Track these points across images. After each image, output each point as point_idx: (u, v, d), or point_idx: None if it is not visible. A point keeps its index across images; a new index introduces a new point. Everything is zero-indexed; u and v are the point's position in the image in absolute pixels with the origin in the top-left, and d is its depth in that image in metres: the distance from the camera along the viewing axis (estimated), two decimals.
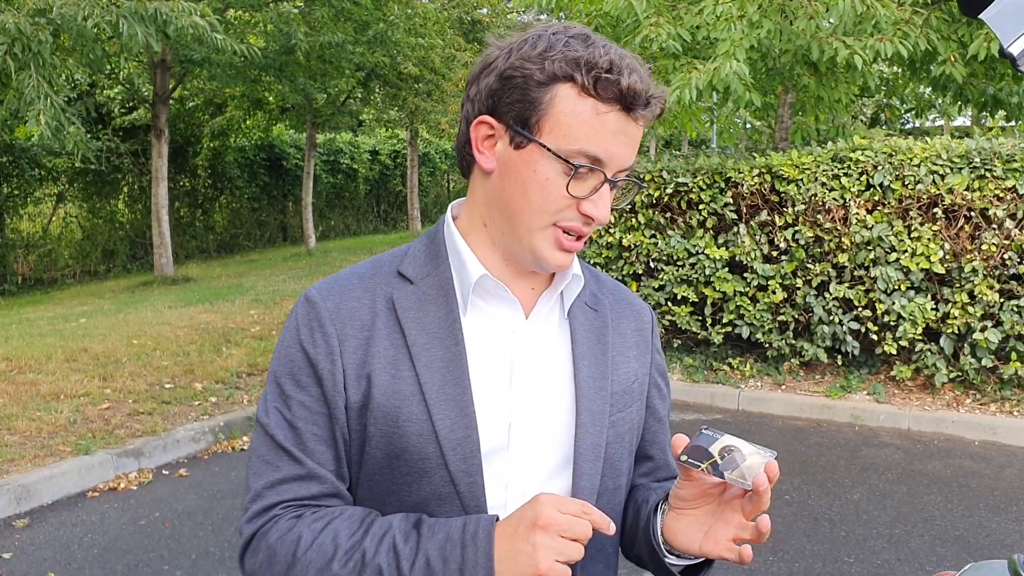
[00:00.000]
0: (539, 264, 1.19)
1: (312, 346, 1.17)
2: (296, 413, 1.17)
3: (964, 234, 6.43)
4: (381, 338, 1.18)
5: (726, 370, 7.59)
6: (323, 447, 1.18)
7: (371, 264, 1.28)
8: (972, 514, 4.88)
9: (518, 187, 1.15)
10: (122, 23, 8.17)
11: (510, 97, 1.14)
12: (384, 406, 1.16)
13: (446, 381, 1.17)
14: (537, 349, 1.25)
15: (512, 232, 1.19)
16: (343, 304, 1.20)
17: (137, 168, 18.30)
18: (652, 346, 1.42)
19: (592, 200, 1.14)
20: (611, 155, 1.13)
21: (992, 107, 7.98)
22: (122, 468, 5.60)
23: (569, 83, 1.11)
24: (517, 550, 1.03)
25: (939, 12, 6.77)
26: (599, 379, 1.28)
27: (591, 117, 1.11)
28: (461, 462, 1.16)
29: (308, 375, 1.17)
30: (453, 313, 1.21)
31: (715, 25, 6.68)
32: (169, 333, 8.92)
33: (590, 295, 1.33)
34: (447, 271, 1.23)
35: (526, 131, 1.14)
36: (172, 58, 14.08)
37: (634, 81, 1.11)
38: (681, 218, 7.54)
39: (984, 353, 6.48)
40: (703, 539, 1.16)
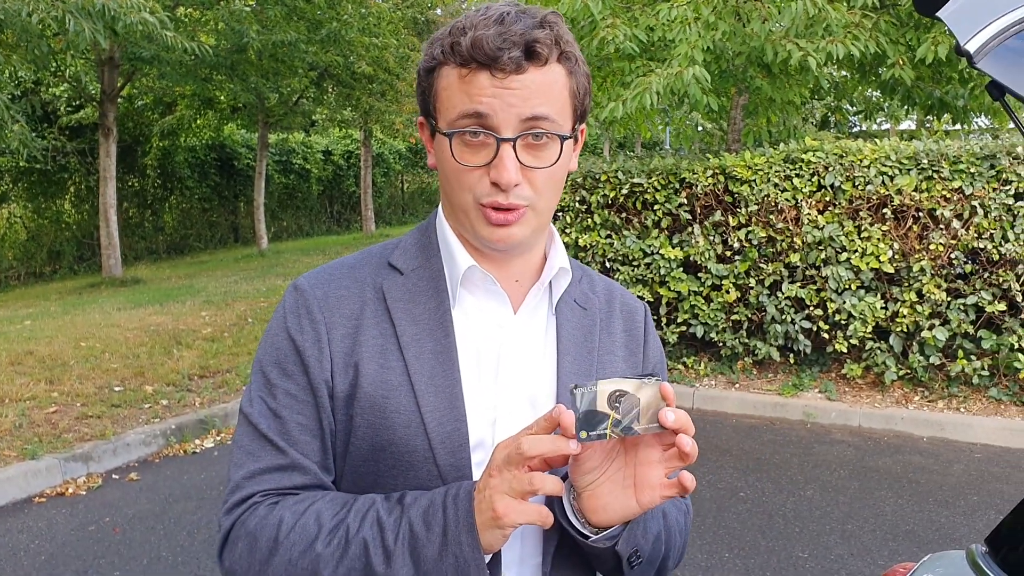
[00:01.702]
0: (482, 243, 1.18)
1: (299, 334, 1.16)
2: (281, 402, 1.16)
3: (912, 234, 6.55)
4: (370, 327, 1.17)
5: (681, 369, 7.65)
6: (308, 437, 1.15)
7: (361, 255, 1.27)
8: (922, 509, 4.97)
9: (443, 175, 1.17)
10: (68, 19, 8.00)
11: (421, 92, 1.17)
12: (372, 396, 1.14)
13: (435, 373, 1.16)
14: (523, 344, 1.23)
15: (456, 219, 1.19)
16: (331, 292, 1.19)
17: (84, 167, 17.95)
18: (646, 342, 1.38)
19: (494, 165, 1.10)
20: (491, 108, 1.08)
21: (938, 110, 8.14)
22: (70, 473, 5.48)
23: (440, 61, 1.12)
24: (480, 502, 1.02)
25: (887, 16, 6.89)
26: (582, 377, 1.25)
27: (458, 84, 1.10)
28: (449, 456, 1.14)
29: (295, 363, 1.16)
30: (444, 305, 1.20)
31: (670, 27, 6.73)
32: (118, 335, 8.75)
33: (580, 294, 1.32)
34: (438, 263, 1.23)
35: (430, 118, 1.16)
36: (120, 55, 13.83)
37: (482, 36, 1.07)
38: (636, 218, 7.59)
39: (932, 351, 6.60)
40: (637, 493, 1.06)
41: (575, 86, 1.15)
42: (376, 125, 19.68)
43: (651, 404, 1.00)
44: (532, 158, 1.12)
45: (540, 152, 1.12)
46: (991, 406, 6.52)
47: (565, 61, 1.13)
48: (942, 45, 6.26)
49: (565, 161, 1.17)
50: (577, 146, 1.24)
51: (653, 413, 1.00)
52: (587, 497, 1.08)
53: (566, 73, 1.13)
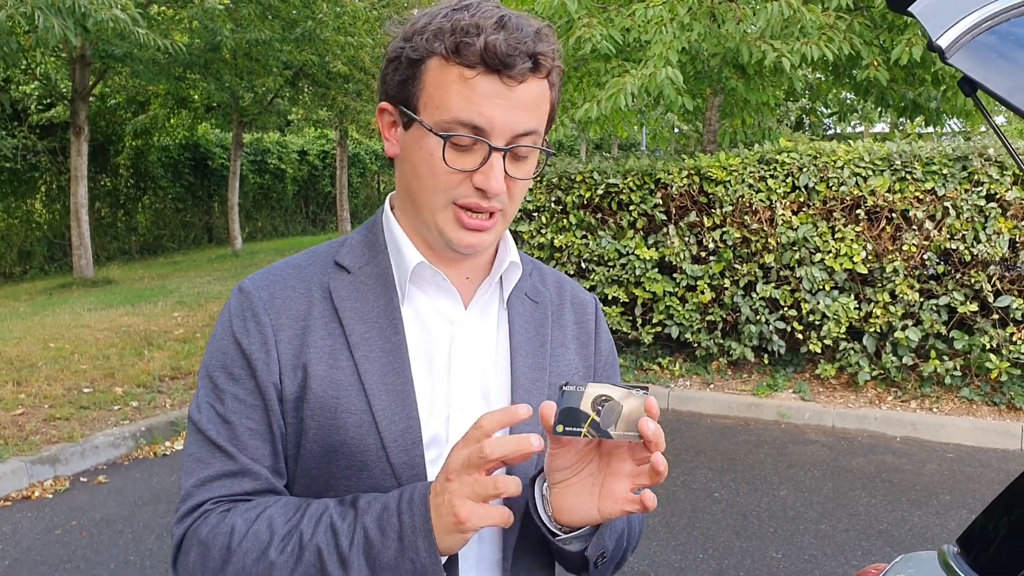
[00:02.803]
0: (449, 246, 1.16)
1: (245, 336, 1.14)
2: (229, 407, 1.13)
3: (886, 235, 6.58)
4: (317, 328, 1.15)
5: (656, 370, 7.65)
6: (258, 441, 1.13)
7: (307, 254, 1.24)
8: (895, 508, 4.99)
9: (412, 168, 1.14)
10: (38, 15, 7.89)
11: (394, 79, 1.14)
12: (322, 397, 1.12)
13: (386, 371, 1.14)
14: (475, 340, 1.22)
15: (418, 216, 1.17)
16: (277, 293, 1.17)
17: (55, 167, 17.73)
18: (597, 336, 1.38)
19: (482, 172, 1.09)
20: (490, 119, 1.07)
21: (912, 112, 8.20)
22: (37, 476, 5.39)
23: (437, 55, 1.08)
24: (438, 506, 1.00)
25: (861, 18, 6.92)
26: (536, 371, 1.25)
27: (459, 84, 1.07)
28: (403, 454, 1.13)
29: (242, 367, 1.13)
30: (393, 302, 1.18)
31: (646, 27, 6.72)
32: (88, 336, 8.64)
33: (531, 287, 1.31)
34: (385, 260, 1.21)
35: (409, 110, 1.13)
36: (92, 53, 13.67)
37: (495, 40, 1.05)
38: (612, 219, 7.58)
39: (905, 351, 6.64)
40: (600, 501, 1.08)
41: (554, 100, 1.16)
42: (352, 125, 19.59)
43: (633, 413, 1.00)
44: (515, 168, 1.13)
45: (522, 164, 1.14)
46: (963, 406, 6.57)
47: (554, 76, 1.13)
48: (916, 47, 6.30)
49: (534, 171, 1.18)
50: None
51: (633, 423, 1.00)
52: (556, 494, 1.09)
53: (550, 87, 1.13)
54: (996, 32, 1.40)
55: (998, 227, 6.20)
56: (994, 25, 1.41)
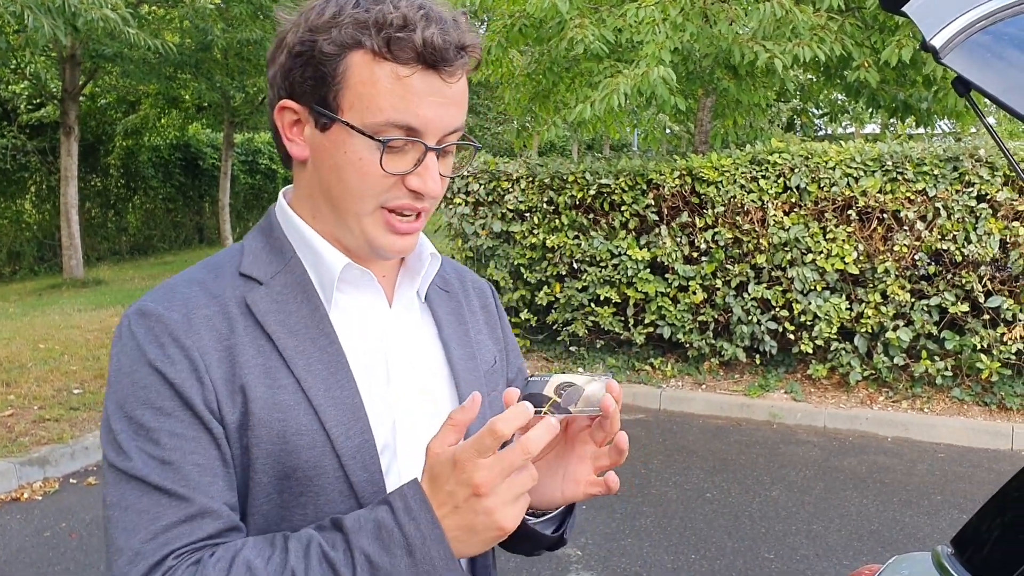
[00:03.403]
0: (377, 252, 1.10)
1: (169, 365, 1.00)
2: (168, 445, 0.99)
3: (877, 235, 6.59)
4: (245, 347, 1.04)
5: (648, 370, 7.65)
6: (209, 477, 1.00)
7: (204, 269, 1.12)
8: (886, 509, 4.99)
9: (333, 173, 1.05)
10: (27, 14, 7.83)
11: (303, 75, 1.04)
12: (267, 421, 1.02)
13: (331, 384, 1.07)
14: (407, 338, 1.17)
15: (341, 222, 1.09)
16: (192, 314, 1.04)
17: (45, 167, 17.65)
18: (500, 319, 1.37)
19: (417, 174, 1.03)
20: (426, 120, 1.01)
21: (903, 113, 8.22)
22: (26, 477, 5.36)
23: (361, 49, 1.00)
24: (471, 525, 0.92)
25: (852, 19, 6.93)
26: (470, 360, 1.22)
27: (392, 83, 1.00)
28: (362, 470, 1.06)
29: (171, 399, 1.00)
30: (319, 310, 1.10)
31: (638, 28, 6.72)
32: (78, 337, 8.60)
33: (439, 277, 1.26)
34: (298, 267, 1.12)
35: (327, 110, 1.03)
36: (82, 53, 13.62)
37: (432, 35, 0.99)
38: (604, 219, 7.58)
39: (896, 352, 6.65)
40: (564, 485, 1.08)
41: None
42: None
43: (594, 394, 1.01)
44: (444, 166, 1.08)
45: (449, 159, 1.09)
46: (954, 406, 6.58)
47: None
48: (906, 48, 6.31)
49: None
50: None
51: (593, 401, 1.01)
52: None
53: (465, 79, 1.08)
54: (990, 32, 1.40)
55: (989, 228, 6.22)
56: (987, 25, 1.40)
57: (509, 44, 8.08)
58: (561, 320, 7.89)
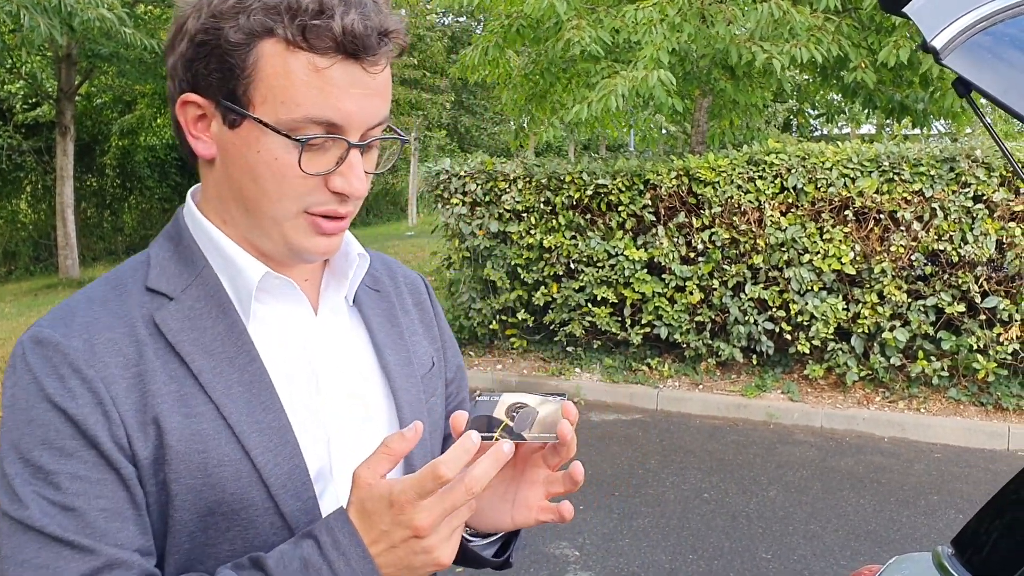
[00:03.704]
0: (299, 256, 1.01)
1: (69, 399, 0.89)
2: (69, 490, 0.88)
3: (874, 236, 6.60)
4: (156, 372, 0.94)
5: (645, 370, 7.65)
6: (118, 523, 0.90)
7: (106, 285, 1.00)
8: (883, 509, 5.00)
9: (246, 174, 0.95)
10: (23, 14, 7.83)
11: (208, 66, 0.93)
12: (186, 454, 0.92)
13: (253, 407, 0.96)
14: (336, 348, 1.08)
15: (256, 226, 0.99)
16: (95, 339, 0.93)
17: (41, 166, 17.65)
18: (436, 315, 1.28)
19: (340, 173, 0.94)
20: (348, 115, 0.92)
21: (899, 114, 8.23)
22: None
23: (272, 38, 0.90)
24: (407, 563, 0.87)
25: (849, 20, 6.95)
26: (405, 365, 1.14)
27: (309, 75, 0.90)
28: (294, 500, 0.97)
29: (73, 437, 0.89)
30: (237, 325, 0.99)
31: (635, 28, 6.73)
32: None
33: (368, 276, 1.16)
34: (211, 276, 1.01)
35: (236, 105, 0.93)
36: (78, 52, 13.62)
37: (352, 21, 0.89)
38: (601, 220, 7.58)
39: (893, 352, 6.66)
40: (513, 510, 1.02)
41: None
42: None
43: (549, 417, 0.96)
44: (369, 163, 0.99)
45: (373, 155, 1.00)
46: (950, 406, 6.59)
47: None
48: (903, 49, 6.32)
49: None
50: None
51: (548, 425, 0.96)
52: None
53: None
54: (991, 33, 1.40)
55: (985, 228, 6.23)
56: (988, 26, 1.41)
57: (506, 44, 8.10)
58: (558, 320, 7.89)
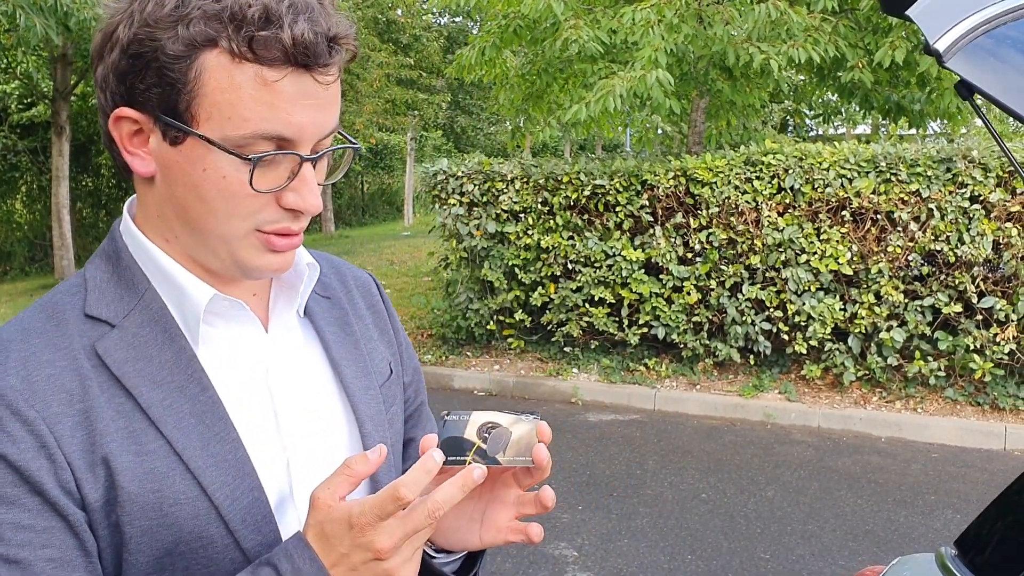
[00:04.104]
0: (249, 275, 0.96)
1: (9, 444, 0.83)
2: (12, 541, 0.83)
3: (871, 236, 6.61)
4: (102, 408, 0.88)
5: (642, 371, 7.66)
6: (67, 572, 0.85)
7: (43, 314, 0.94)
8: (881, 509, 5.01)
9: (191, 193, 0.89)
10: (19, 14, 7.82)
11: (145, 80, 0.87)
12: (139, 495, 0.87)
13: (207, 439, 0.91)
14: (291, 366, 1.03)
15: (203, 245, 0.93)
16: (33, 375, 0.87)
17: (36, 167, 17.62)
18: (389, 316, 1.23)
19: (293, 188, 0.89)
20: (299, 128, 0.87)
21: (896, 114, 8.25)
22: None
23: (216, 49, 0.84)
24: None
25: (846, 20, 6.97)
26: (363, 377, 1.09)
27: (257, 89, 0.84)
28: (255, 534, 0.93)
29: (15, 484, 0.83)
30: (185, 351, 0.94)
31: (632, 29, 6.73)
32: None
33: (318, 283, 1.10)
34: (155, 300, 0.95)
35: (178, 121, 0.87)
36: (74, 52, 13.59)
37: (302, 30, 0.84)
38: (598, 220, 7.58)
39: (890, 352, 6.67)
40: (482, 529, 1.00)
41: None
42: None
43: (523, 439, 0.94)
44: (319, 173, 0.93)
45: (323, 165, 0.95)
46: (947, 406, 6.61)
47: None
48: (899, 50, 6.34)
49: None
50: None
51: (523, 448, 0.93)
52: None
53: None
54: (994, 36, 1.40)
55: (982, 228, 6.25)
56: (991, 29, 1.41)
57: (503, 45, 8.10)
58: (555, 321, 7.90)
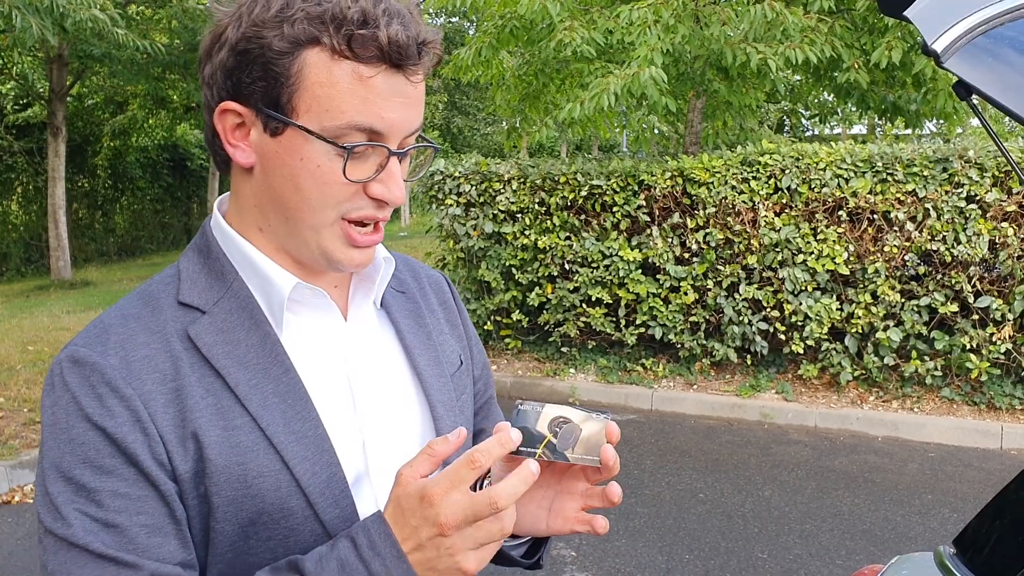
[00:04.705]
0: (334, 267, 1.02)
1: (108, 418, 0.91)
2: (111, 507, 0.90)
3: (867, 236, 6.63)
4: (193, 386, 0.96)
5: (639, 371, 7.66)
6: (160, 537, 0.92)
7: (140, 301, 1.02)
8: (878, 508, 5.02)
9: (288, 182, 0.97)
10: (15, 15, 7.79)
11: (251, 75, 0.95)
12: (226, 467, 0.94)
13: (290, 417, 0.98)
14: (368, 352, 1.10)
15: (295, 235, 1.00)
16: (131, 356, 0.95)
17: (32, 167, 17.57)
18: (460, 313, 1.30)
19: (380, 180, 0.97)
20: (390, 123, 0.94)
21: (892, 114, 8.26)
22: (17, 480, 5.33)
23: (317, 46, 0.92)
24: (433, 563, 0.88)
25: (842, 21, 6.97)
26: (436, 365, 1.16)
27: (353, 84, 0.92)
28: (333, 507, 0.99)
29: (113, 455, 0.91)
30: (270, 336, 1.01)
31: (628, 29, 6.74)
32: (67, 339, 8.54)
33: (393, 278, 1.18)
34: (242, 290, 1.03)
35: (279, 113, 0.95)
36: (70, 53, 13.56)
37: (396, 31, 0.92)
38: (595, 220, 7.59)
39: (886, 352, 6.69)
40: (549, 517, 1.04)
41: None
42: None
43: (592, 437, 0.97)
44: (403, 170, 1.02)
45: (407, 163, 1.03)
46: (944, 406, 6.62)
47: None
48: (895, 50, 6.35)
49: None
50: None
51: (591, 446, 0.96)
52: None
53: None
54: (991, 36, 1.40)
55: (978, 228, 6.26)
56: (989, 29, 1.41)
57: (499, 45, 8.09)
58: (553, 321, 7.90)
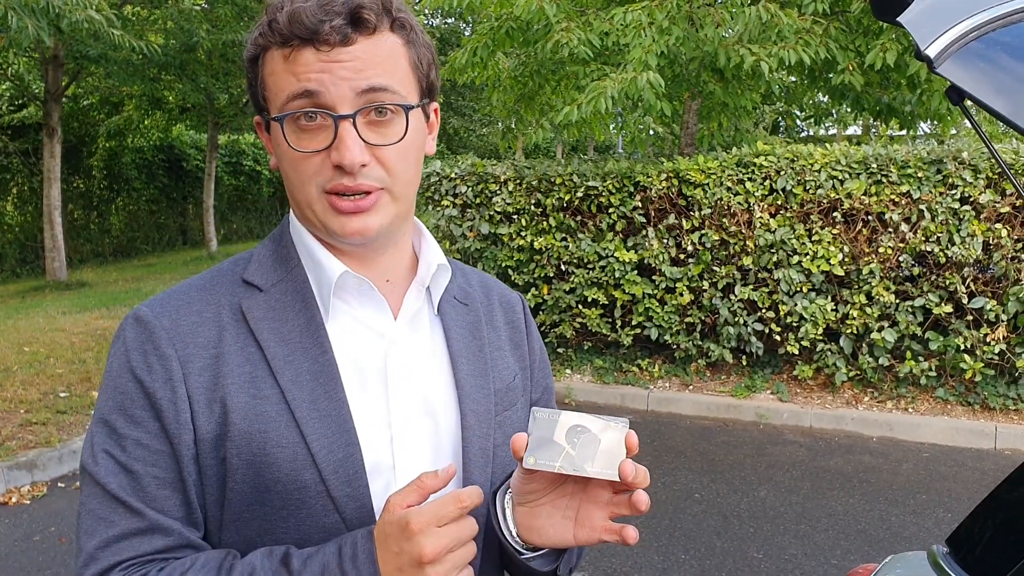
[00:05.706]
0: (334, 238, 1.07)
1: (147, 373, 1.01)
2: (132, 454, 1.00)
3: (862, 237, 6.65)
4: (232, 355, 1.03)
5: (635, 371, 7.68)
6: (167, 491, 1.01)
7: (210, 274, 1.12)
8: (873, 508, 5.04)
9: (283, 170, 1.06)
10: (11, 15, 7.78)
11: (252, 86, 1.08)
12: (247, 432, 1.00)
13: (317, 395, 1.03)
14: (411, 352, 1.13)
15: (305, 217, 1.08)
16: (181, 320, 1.04)
17: (27, 168, 17.54)
18: (528, 335, 1.32)
19: (334, 147, 1.00)
20: (322, 83, 0.98)
21: (886, 116, 8.28)
22: (13, 481, 5.33)
23: (266, 47, 1.03)
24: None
25: (837, 22, 6.99)
26: (479, 377, 1.17)
27: (283, 65, 1.01)
28: (345, 486, 1.02)
29: (143, 408, 1.01)
30: (315, 319, 1.07)
31: (624, 31, 6.75)
32: (63, 340, 8.55)
33: (459, 289, 1.22)
34: (301, 274, 1.10)
35: (261, 112, 1.07)
36: (65, 54, 13.53)
37: (298, 8, 0.98)
38: (591, 221, 7.60)
39: (881, 352, 6.71)
40: (575, 527, 1.03)
41: (415, 56, 1.06)
42: None
43: (611, 449, 0.95)
44: (377, 135, 1.02)
45: (385, 128, 1.03)
46: (938, 406, 6.65)
47: (400, 30, 1.04)
48: (890, 52, 6.37)
49: (416, 137, 1.07)
50: (432, 127, 1.14)
51: (611, 459, 0.94)
52: (523, 513, 1.05)
53: (403, 43, 1.04)
54: (984, 41, 1.42)
55: (972, 229, 6.29)
56: (982, 34, 1.43)
57: (495, 46, 8.10)
58: (549, 322, 7.91)
